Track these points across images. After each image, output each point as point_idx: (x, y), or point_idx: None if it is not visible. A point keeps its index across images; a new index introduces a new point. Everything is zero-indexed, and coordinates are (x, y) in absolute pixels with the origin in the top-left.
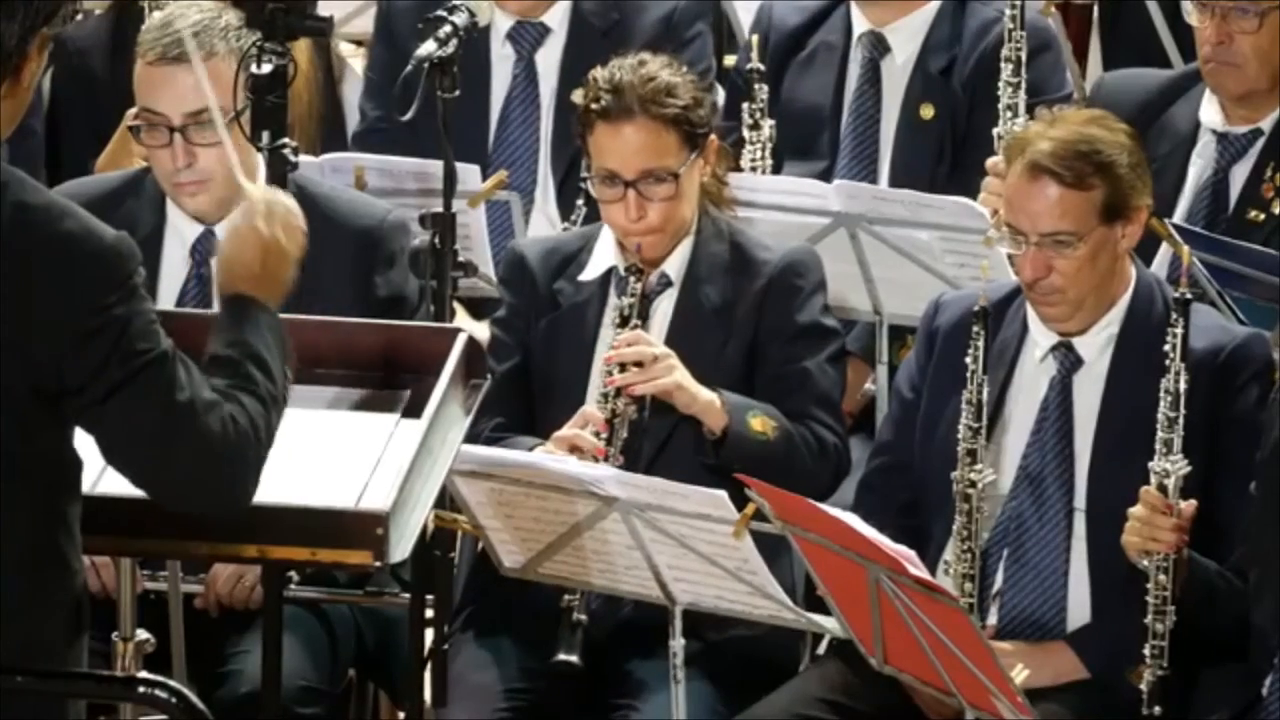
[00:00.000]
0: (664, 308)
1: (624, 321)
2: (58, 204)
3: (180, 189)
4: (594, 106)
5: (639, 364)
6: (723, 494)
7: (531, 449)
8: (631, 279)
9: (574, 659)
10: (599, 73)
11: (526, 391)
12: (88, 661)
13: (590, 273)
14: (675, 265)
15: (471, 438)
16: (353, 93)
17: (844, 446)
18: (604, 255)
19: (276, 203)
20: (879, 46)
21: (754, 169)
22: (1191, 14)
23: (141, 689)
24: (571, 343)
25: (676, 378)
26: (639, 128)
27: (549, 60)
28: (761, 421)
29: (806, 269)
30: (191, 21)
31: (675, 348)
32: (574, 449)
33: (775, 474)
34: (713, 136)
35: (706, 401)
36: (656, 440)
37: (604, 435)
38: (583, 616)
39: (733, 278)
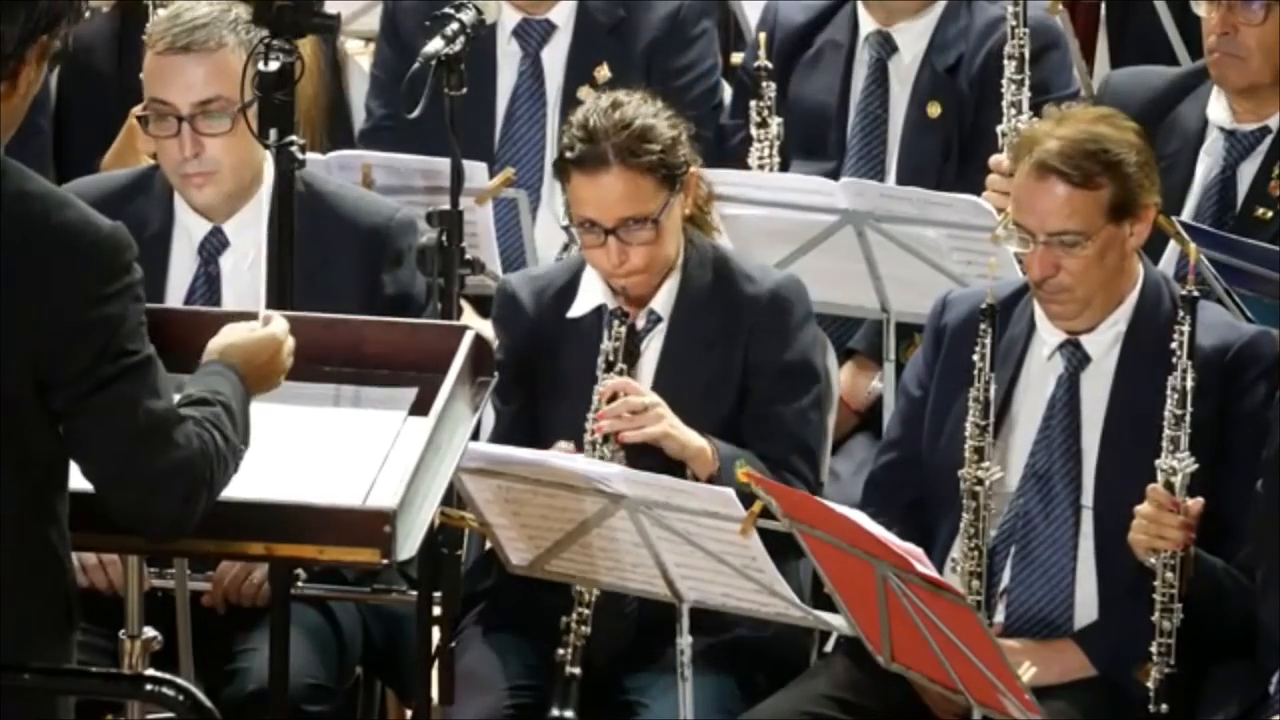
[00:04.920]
0: (654, 345)
1: (609, 367)
2: (56, 194)
3: (187, 180)
4: (569, 155)
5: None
6: (730, 492)
7: None
8: (616, 322)
9: (569, 714)
10: (574, 117)
11: (534, 430)
12: (97, 659)
13: (579, 309)
14: (663, 302)
15: None
16: (358, 91)
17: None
18: (591, 292)
19: (291, 340)
20: (886, 45)
21: (761, 167)
22: (1199, 4)
23: (149, 687)
24: (571, 382)
25: (665, 426)
26: (616, 177)
27: (555, 57)
28: (747, 473)
29: (791, 305)
30: (201, 14)
31: (666, 385)
32: None
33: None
34: (692, 170)
35: (697, 449)
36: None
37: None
38: (576, 670)
39: (720, 313)
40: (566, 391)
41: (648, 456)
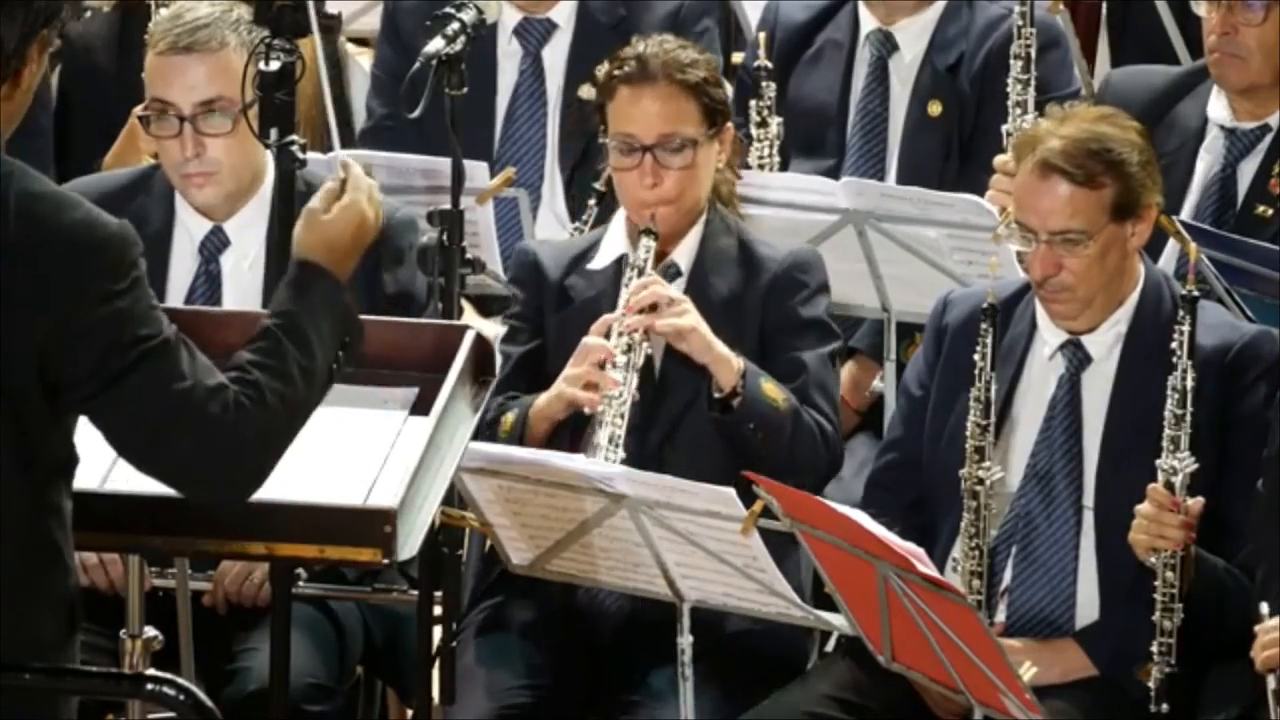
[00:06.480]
0: None
1: (639, 274)
2: (61, 193)
3: (188, 180)
4: (617, 73)
5: (654, 307)
6: (731, 491)
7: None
8: (645, 239)
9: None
10: (622, 50)
11: (541, 373)
12: (98, 659)
13: (600, 262)
14: (684, 255)
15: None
16: (359, 91)
17: (839, 439)
18: (613, 243)
19: (375, 186)
20: (886, 44)
21: (762, 166)
22: (1200, 4)
23: (150, 686)
24: (586, 334)
25: (692, 320)
26: (659, 93)
27: (556, 57)
28: (773, 388)
29: (811, 267)
30: (202, 15)
31: None
32: (589, 385)
33: (780, 445)
34: (729, 125)
35: (721, 354)
36: (663, 429)
37: (618, 366)
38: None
39: (740, 271)
40: (583, 334)
41: (674, 364)
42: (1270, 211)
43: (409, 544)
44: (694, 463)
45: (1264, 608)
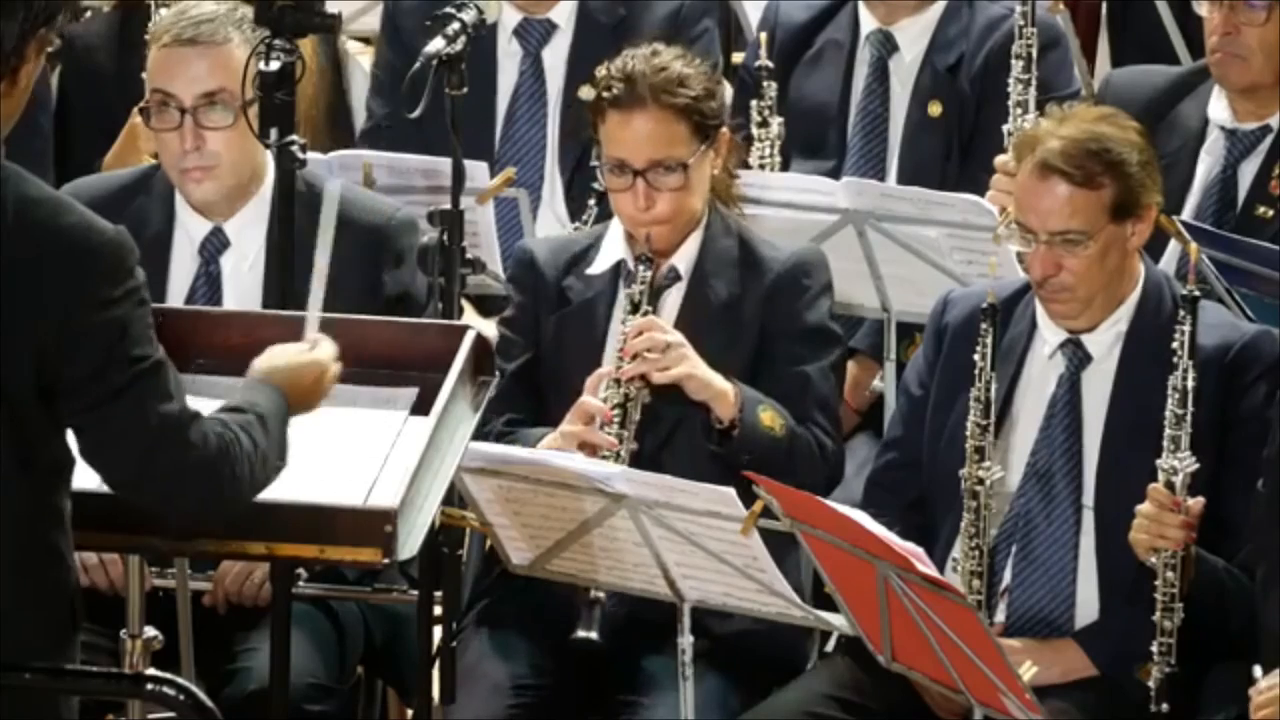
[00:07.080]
0: (671, 301)
1: (635, 309)
2: (57, 198)
3: (187, 175)
4: (605, 95)
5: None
6: (731, 491)
7: (539, 439)
8: (641, 267)
9: (593, 635)
10: (613, 62)
11: (536, 388)
12: (98, 659)
13: (598, 266)
14: (684, 259)
15: (481, 435)
16: (359, 91)
17: (840, 454)
18: (612, 248)
19: (337, 369)
20: (887, 45)
21: (762, 166)
22: (1201, 4)
23: (150, 686)
24: (581, 337)
25: (688, 367)
26: (649, 117)
27: (556, 57)
28: (771, 416)
29: (814, 269)
30: (206, 11)
31: None
32: (584, 445)
33: (778, 471)
34: (724, 129)
35: (719, 390)
36: (660, 434)
37: (615, 423)
38: (600, 594)
39: (741, 273)
40: (580, 349)
41: (667, 401)
42: (1271, 212)
43: (409, 544)
44: (692, 466)
45: (1257, 670)
